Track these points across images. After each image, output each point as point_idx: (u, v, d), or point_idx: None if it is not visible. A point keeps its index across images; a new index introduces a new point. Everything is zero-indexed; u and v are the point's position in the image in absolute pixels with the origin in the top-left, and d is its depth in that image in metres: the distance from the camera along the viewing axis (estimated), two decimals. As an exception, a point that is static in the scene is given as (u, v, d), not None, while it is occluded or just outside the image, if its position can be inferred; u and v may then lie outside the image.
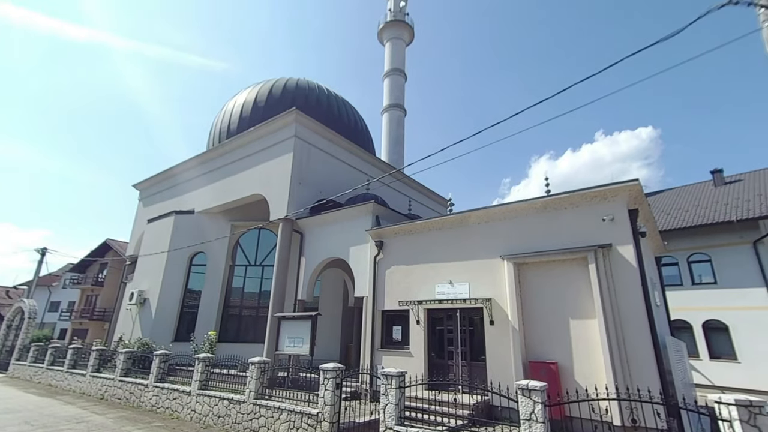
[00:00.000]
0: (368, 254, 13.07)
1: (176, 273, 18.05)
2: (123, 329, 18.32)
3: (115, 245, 30.83)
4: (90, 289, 32.43)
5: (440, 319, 11.10)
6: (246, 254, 18.50)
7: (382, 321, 12.29)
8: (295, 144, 15.88)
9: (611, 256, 8.59)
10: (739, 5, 5.50)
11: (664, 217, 18.61)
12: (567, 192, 9.53)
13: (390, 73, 32.74)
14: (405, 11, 35.07)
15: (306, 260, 15.18)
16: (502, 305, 9.77)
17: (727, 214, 16.29)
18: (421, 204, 22.64)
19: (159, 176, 22.18)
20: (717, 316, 15.90)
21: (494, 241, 10.39)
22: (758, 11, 5.26)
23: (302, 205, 15.25)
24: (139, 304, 17.90)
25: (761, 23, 5.27)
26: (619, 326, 8.13)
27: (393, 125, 31.22)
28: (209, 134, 22.42)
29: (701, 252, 16.92)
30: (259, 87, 20.93)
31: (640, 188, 8.78)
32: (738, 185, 19.07)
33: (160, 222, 19.55)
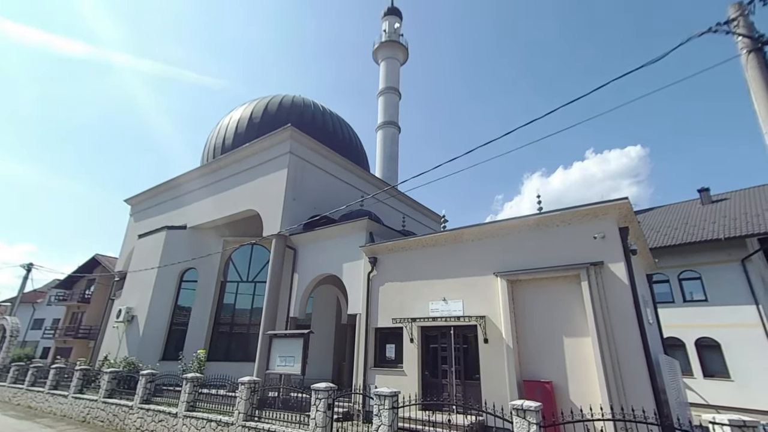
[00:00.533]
0: (362, 271, 13.01)
1: (166, 289, 17.74)
2: (109, 348, 17.83)
3: (104, 261, 30.33)
4: (76, 305, 31.66)
5: (434, 336, 11.01)
6: (238, 270, 18.31)
7: (375, 339, 12.14)
8: (290, 160, 15.96)
9: (603, 274, 8.66)
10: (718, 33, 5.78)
11: (654, 234, 18.86)
12: (559, 210, 9.66)
13: (384, 91, 33.29)
14: (399, 32, 35.93)
15: (299, 277, 15.05)
16: (496, 323, 9.74)
17: (715, 232, 16.55)
18: (415, 220, 22.71)
19: (151, 191, 22.04)
20: (709, 333, 15.95)
21: (488, 258, 10.42)
22: (736, 39, 5.53)
23: (296, 221, 15.22)
24: (126, 321, 17.48)
25: (739, 50, 5.52)
26: (613, 344, 8.13)
27: (387, 142, 31.56)
28: (204, 150, 22.45)
29: (691, 269, 17.09)
30: (254, 103, 21.12)
31: (630, 206, 8.94)
32: (724, 204, 19.46)
33: (151, 237, 19.33)
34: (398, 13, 36.50)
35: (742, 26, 5.47)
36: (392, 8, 36.35)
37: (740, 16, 5.49)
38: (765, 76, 5.19)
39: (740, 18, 5.50)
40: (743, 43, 5.45)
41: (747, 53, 5.38)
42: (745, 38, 5.42)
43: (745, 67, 5.41)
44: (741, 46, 5.47)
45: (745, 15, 5.50)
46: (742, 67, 5.49)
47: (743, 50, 5.45)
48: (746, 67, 5.40)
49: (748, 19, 5.50)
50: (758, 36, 5.39)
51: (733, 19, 5.55)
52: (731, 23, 5.56)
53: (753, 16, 5.49)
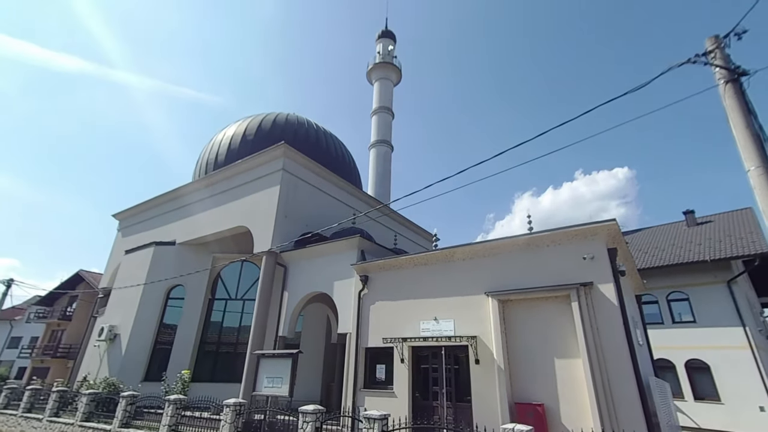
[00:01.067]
0: (353, 289, 12.90)
1: (152, 307, 17.33)
2: (89, 368, 17.21)
3: (88, 277, 29.55)
4: (56, 323, 30.58)
5: (425, 357, 10.87)
6: (227, 288, 18.02)
7: (365, 359, 11.95)
8: (283, 177, 15.99)
9: (593, 294, 8.72)
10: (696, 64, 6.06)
11: (642, 255, 19.12)
12: (549, 230, 9.77)
13: (378, 111, 33.77)
14: (393, 54, 36.76)
15: (289, 294, 14.86)
16: (487, 343, 9.67)
17: (701, 254, 16.83)
18: (406, 238, 22.74)
19: (140, 206, 21.80)
20: (698, 355, 15.99)
21: (479, 278, 10.43)
22: (714, 70, 5.79)
23: (287, 238, 15.13)
24: (108, 340, 16.95)
25: (717, 80, 5.78)
26: (604, 366, 8.11)
27: (380, 160, 31.82)
28: (196, 165, 22.39)
29: (679, 290, 17.26)
30: (248, 120, 21.27)
31: (618, 228, 9.09)
32: (709, 226, 19.87)
33: (139, 253, 19.00)
34: (392, 36, 37.43)
35: (719, 58, 5.74)
36: (386, 31, 37.28)
37: (717, 48, 5.77)
38: (742, 106, 5.43)
39: (717, 50, 5.78)
40: (720, 74, 5.71)
41: (724, 83, 5.63)
42: (722, 69, 5.68)
43: (723, 97, 5.66)
44: (718, 76, 5.73)
45: (722, 48, 5.79)
46: (720, 96, 5.74)
47: (721, 81, 5.71)
48: (724, 97, 5.65)
49: (724, 52, 5.78)
50: (734, 68, 5.66)
51: (710, 51, 5.82)
52: (708, 55, 5.84)
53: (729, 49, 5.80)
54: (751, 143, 5.28)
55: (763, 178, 5.07)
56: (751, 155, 5.24)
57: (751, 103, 5.62)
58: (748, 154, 5.28)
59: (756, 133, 5.39)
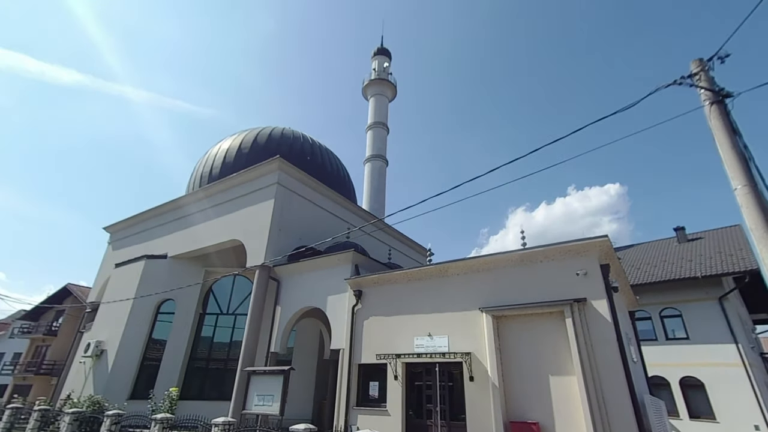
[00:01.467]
0: (346, 304, 12.79)
1: (141, 321, 16.97)
2: (73, 385, 16.70)
3: (76, 291, 28.96)
4: (41, 338, 29.74)
5: (419, 373, 10.75)
6: (218, 302, 17.76)
7: (358, 375, 11.78)
8: (277, 191, 15.98)
9: (587, 311, 8.73)
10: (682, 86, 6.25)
11: (635, 271, 19.23)
12: (542, 246, 9.83)
13: (373, 126, 34.11)
14: (388, 71, 37.38)
15: (282, 309, 14.68)
16: (481, 360, 9.60)
17: (692, 270, 16.96)
18: (401, 253, 22.69)
19: (132, 219, 21.58)
20: (692, 372, 15.93)
21: (473, 293, 10.41)
22: (699, 92, 5.97)
23: (281, 252, 15.03)
24: (95, 356, 16.51)
25: (702, 102, 5.96)
26: (598, 384, 8.07)
27: (375, 175, 31.98)
28: (190, 178, 22.32)
29: (672, 307, 17.32)
30: (244, 134, 21.34)
31: (610, 244, 9.18)
32: (699, 243, 20.09)
33: (129, 266, 18.72)
34: (387, 54, 38.14)
35: (704, 80, 5.92)
36: (382, 48, 37.99)
37: (701, 71, 5.96)
38: (726, 126, 5.58)
39: (701, 73, 5.97)
40: (706, 96, 5.89)
41: (709, 105, 5.80)
42: (707, 91, 5.86)
43: (709, 117, 5.82)
44: (704, 98, 5.90)
45: (706, 70, 5.99)
46: (706, 117, 5.90)
47: (706, 102, 5.88)
48: (710, 117, 5.81)
49: (708, 74, 5.97)
50: (719, 90, 5.83)
51: (695, 74, 6.02)
52: (693, 77, 6.03)
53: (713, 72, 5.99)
54: (737, 162, 5.41)
55: (750, 197, 5.18)
56: (738, 174, 5.37)
57: (735, 124, 5.78)
58: (734, 172, 5.41)
59: (741, 152, 5.52)
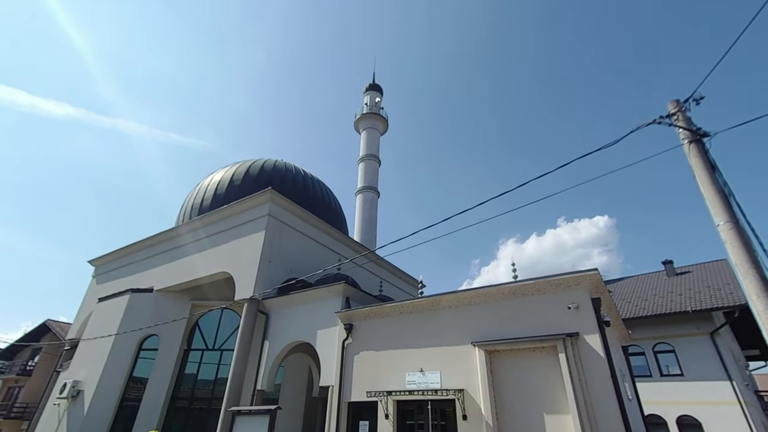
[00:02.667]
0: (336, 338, 12.48)
1: (122, 359, 16.24)
2: (45, 430, 15.69)
3: (55, 327, 27.73)
4: (14, 379, 28.04)
5: (411, 411, 10.37)
6: (204, 337, 17.18)
7: (347, 414, 11.31)
8: (268, 222, 15.92)
9: (579, 346, 8.63)
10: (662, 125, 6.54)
11: (626, 304, 19.20)
12: (533, 279, 9.83)
13: (365, 158, 34.67)
14: (380, 106, 38.54)
15: (270, 344, 14.25)
16: (474, 396, 9.33)
17: (682, 304, 16.93)
18: (392, 285, 22.46)
19: (119, 252, 21.17)
20: (688, 411, 15.55)
21: (465, 327, 10.27)
22: (678, 131, 6.25)
23: (271, 284, 14.78)
24: (70, 397, 15.60)
25: (681, 140, 6.22)
26: (594, 423, 7.85)
27: (366, 206, 32.16)
28: (180, 210, 22.17)
29: (665, 342, 17.15)
30: (236, 167, 21.49)
31: (600, 277, 9.22)
32: (688, 276, 20.26)
33: (113, 301, 18.13)
34: (379, 89, 39.47)
35: (682, 120, 6.21)
36: (373, 84, 39.35)
37: (678, 111, 6.27)
38: (705, 164, 5.80)
39: (679, 113, 6.27)
40: (684, 135, 6.16)
41: (688, 143, 6.05)
42: (685, 131, 6.14)
43: (688, 155, 6.05)
44: (682, 137, 6.17)
45: (683, 110, 6.30)
46: (686, 154, 6.14)
47: (684, 141, 6.14)
48: (689, 155, 6.04)
49: (686, 114, 6.27)
50: (696, 129, 6.11)
51: (672, 114, 6.32)
52: (672, 117, 6.33)
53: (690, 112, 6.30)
54: (718, 199, 5.57)
55: (733, 233, 5.30)
56: (719, 210, 5.52)
57: (714, 161, 6.00)
58: (716, 209, 5.56)
59: (721, 189, 5.70)
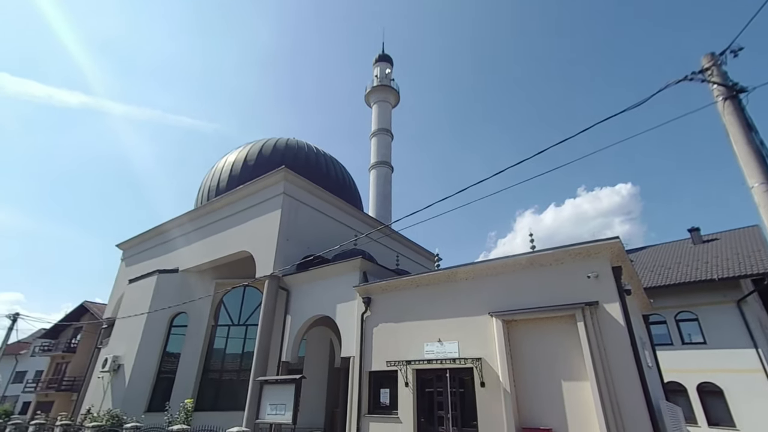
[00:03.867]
0: (355, 312, 12.74)
1: (155, 335, 17.14)
2: (92, 400, 16.87)
3: (92, 308, 29.38)
4: (61, 356, 30.19)
5: (429, 380, 10.61)
6: (230, 313, 17.83)
7: (369, 383, 11.70)
8: (284, 201, 16.06)
9: (598, 314, 8.54)
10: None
11: (648, 273, 18.79)
12: (551, 249, 9.67)
13: (377, 133, 34.16)
14: (390, 77, 37.51)
15: (292, 319, 14.68)
16: (492, 365, 9.44)
17: (709, 273, 16.40)
18: (408, 259, 22.59)
19: (143, 235, 21.89)
20: (710, 378, 15.35)
21: (482, 298, 10.28)
22: (711, 87, 5.82)
23: (289, 261, 15.06)
24: (112, 371, 16.72)
25: (715, 98, 5.80)
26: (612, 389, 7.86)
27: (380, 182, 31.99)
28: (198, 193, 22.58)
29: (688, 310, 16.77)
30: (249, 146, 21.55)
31: (621, 246, 8.98)
32: (715, 244, 19.50)
33: (142, 282, 18.94)
34: (389, 60, 38.27)
35: (716, 75, 5.74)
36: (383, 55, 38.15)
37: (713, 65, 5.80)
38: (741, 122, 5.41)
39: (713, 67, 5.80)
40: (718, 91, 5.71)
41: (723, 100, 5.63)
42: (720, 86, 5.70)
43: (722, 114, 5.63)
44: (716, 93, 5.73)
45: (718, 65, 5.83)
46: (719, 112, 5.73)
47: (719, 97, 5.70)
48: (723, 114, 5.63)
49: (721, 69, 5.81)
50: (732, 84, 5.67)
51: (706, 69, 5.85)
52: (705, 72, 5.87)
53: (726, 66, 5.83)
54: (753, 159, 5.22)
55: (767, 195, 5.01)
56: (754, 171, 5.18)
57: (751, 119, 5.59)
58: (750, 170, 5.23)
59: (757, 148, 5.34)
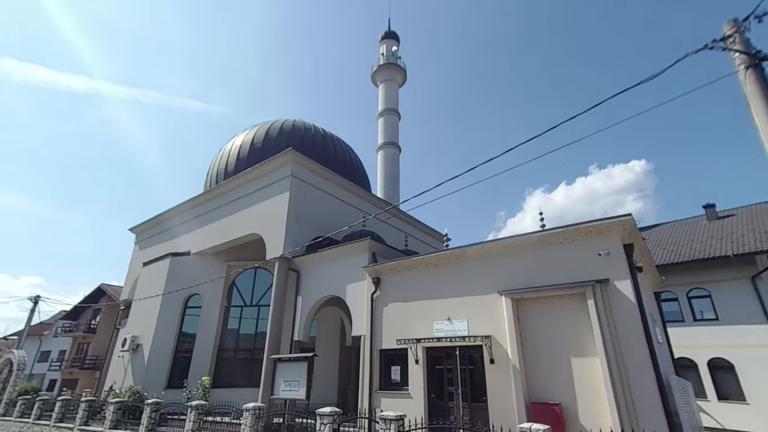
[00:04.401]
0: (365, 292, 12.91)
1: (170, 316, 17.67)
2: (114, 377, 17.64)
3: (109, 290, 30.29)
4: (82, 336, 31.39)
5: (439, 357, 10.81)
6: (242, 295, 18.22)
7: (380, 361, 11.95)
8: (292, 183, 16.12)
9: (609, 292, 8.52)
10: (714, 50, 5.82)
11: (660, 251, 18.60)
12: (561, 227, 9.60)
13: (384, 113, 33.76)
14: (397, 55, 36.72)
15: (302, 299, 14.95)
16: (501, 343, 9.55)
17: (723, 249, 16.19)
18: (417, 239, 22.66)
19: (155, 219, 22.24)
20: (722, 354, 15.39)
21: (492, 277, 10.31)
22: (733, 56, 5.55)
23: (299, 243, 15.22)
24: (131, 350, 17.37)
25: (737, 66, 5.54)
26: (622, 365, 7.93)
27: (388, 162, 31.81)
28: (207, 176, 22.75)
29: (700, 287, 16.67)
30: (256, 129, 21.50)
31: (633, 223, 8.87)
32: (731, 220, 19.14)
33: (156, 265, 19.38)
34: (395, 37, 37.37)
35: (738, 43, 5.47)
36: (389, 32, 37.24)
37: (736, 33, 5.53)
38: (764, 91, 5.19)
39: (736, 35, 5.53)
40: (740, 59, 5.45)
41: (745, 69, 5.37)
42: (742, 54, 5.44)
43: (744, 83, 5.38)
44: (738, 62, 5.46)
45: (741, 32, 5.55)
46: (740, 82, 5.48)
47: (741, 66, 5.44)
48: (744, 83, 5.38)
49: (744, 36, 5.54)
50: (755, 52, 5.41)
51: (728, 36, 5.57)
52: (727, 40, 5.59)
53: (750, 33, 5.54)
54: (776, 131, 5.05)
55: (787, 167, 4.85)
56: (776, 143, 5.02)
57: (774, 89, 5.36)
58: (773, 142, 5.05)
59: (781, 119, 5.14)
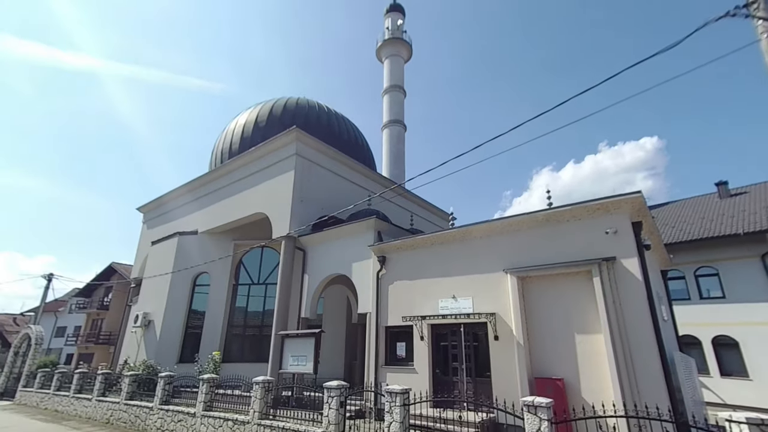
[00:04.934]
0: (371, 270, 13.04)
1: (180, 294, 18.08)
2: (128, 352, 18.27)
3: (120, 269, 30.97)
4: (95, 313, 32.41)
5: (444, 334, 10.99)
6: (249, 273, 18.53)
7: (385, 337, 12.18)
8: (296, 162, 16.07)
9: (616, 270, 8.52)
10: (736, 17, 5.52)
11: (669, 229, 18.42)
12: (569, 205, 9.52)
13: (389, 90, 33.14)
14: (402, 29, 35.69)
15: (309, 277, 15.17)
16: (506, 320, 9.67)
17: (734, 227, 16.01)
18: (422, 218, 22.66)
19: (162, 198, 22.42)
20: (726, 331, 15.48)
21: (497, 255, 10.35)
22: (756, 23, 5.27)
23: (304, 222, 15.34)
24: (143, 326, 17.90)
25: (759, 35, 5.26)
26: (626, 341, 8.00)
27: (393, 141, 31.47)
28: (211, 155, 22.73)
29: (708, 266, 16.59)
30: (259, 107, 21.29)
31: (643, 200, 8.76)
32: (743, 197, 18.82)
33: (164, 244, 19.69)
34: (401, 10, 36.19)
35: (763, 9, 5.20)
36: (394, 5, 36.06)
37: (761, -2, 5.22)
38: (789, 60, 4.95)
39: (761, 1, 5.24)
40: (763, 27, 5.18)
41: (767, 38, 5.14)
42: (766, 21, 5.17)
43: (765, 53, 5.16)
44: (761, 30, 5.18)
45: (768, -4, 5.23)
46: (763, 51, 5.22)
47: (764, 34, 5.19)
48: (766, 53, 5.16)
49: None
50: (781, 19, 5.13)
51: (752, 2, 5.29)
52: (750, 6, 5.30)
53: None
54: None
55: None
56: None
57: (799, 58, 5.10)
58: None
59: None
